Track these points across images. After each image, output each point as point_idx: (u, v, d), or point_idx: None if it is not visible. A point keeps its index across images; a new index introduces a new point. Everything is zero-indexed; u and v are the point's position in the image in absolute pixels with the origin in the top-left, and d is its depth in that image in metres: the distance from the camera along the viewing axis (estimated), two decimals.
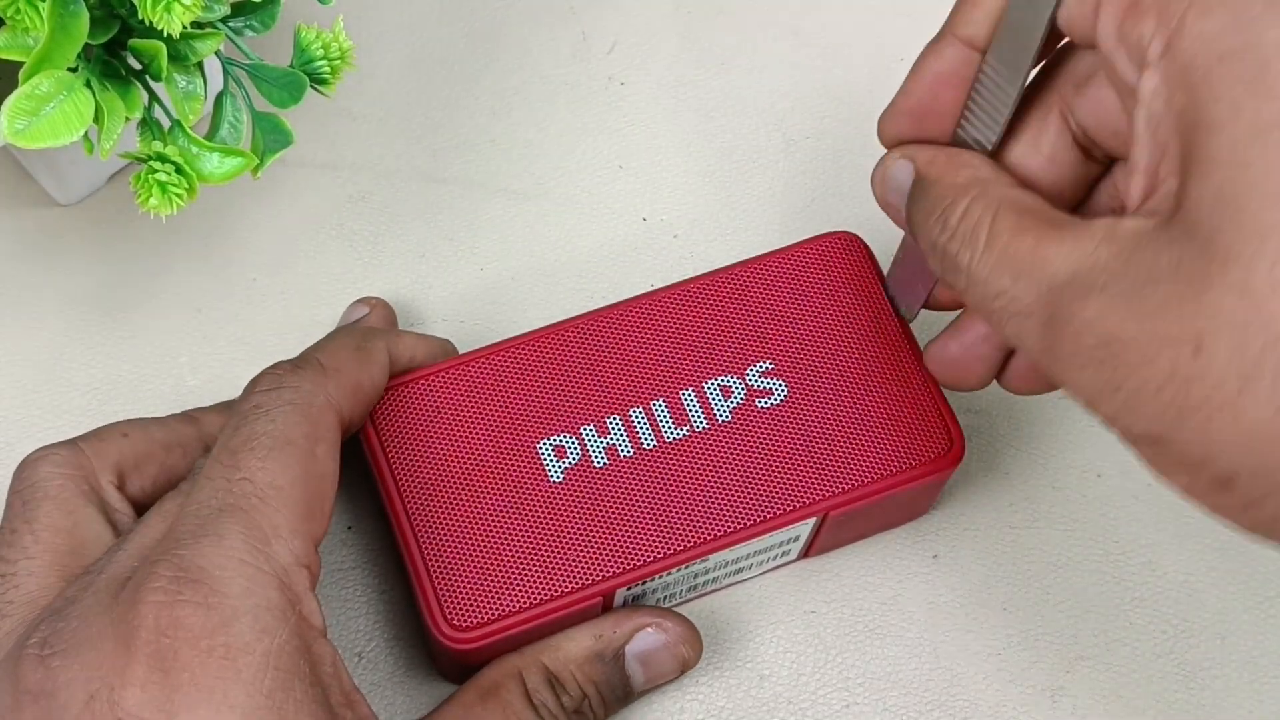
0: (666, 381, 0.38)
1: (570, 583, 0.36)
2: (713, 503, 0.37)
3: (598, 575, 0.36)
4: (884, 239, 0.42)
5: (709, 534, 0.36)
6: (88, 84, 0.35)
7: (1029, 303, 0.29)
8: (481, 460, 0.37)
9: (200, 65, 0.37)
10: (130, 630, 0.30)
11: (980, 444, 0.41)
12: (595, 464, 0.37)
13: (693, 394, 0.38)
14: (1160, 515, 0.41)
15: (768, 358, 0.38)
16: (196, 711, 0.29)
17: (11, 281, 0.43)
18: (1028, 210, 0.30)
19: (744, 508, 0.37)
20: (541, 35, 0.48)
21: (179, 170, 0.36)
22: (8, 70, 0.35)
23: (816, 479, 0.37)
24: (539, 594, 0.36)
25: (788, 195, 0.45)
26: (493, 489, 0.37)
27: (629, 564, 0.36)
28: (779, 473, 0.37)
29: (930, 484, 0.38)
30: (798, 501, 0.37)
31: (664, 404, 0.38)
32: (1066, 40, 0.33)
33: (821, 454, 0.37)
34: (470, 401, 0.38)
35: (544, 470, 0.37)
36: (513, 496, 0.37)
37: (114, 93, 0.35)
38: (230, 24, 0.37)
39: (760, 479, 0.37)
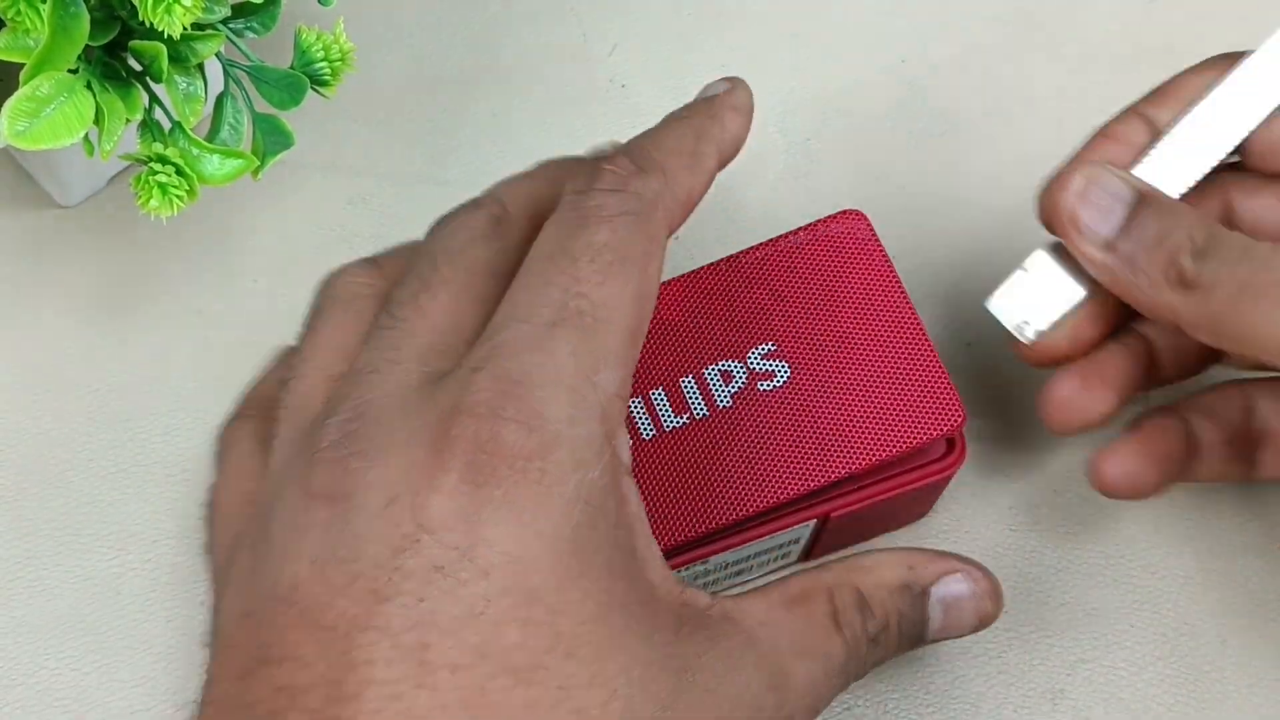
0: (666, 368, 0.38)
1: None
2: (714, 494, 0.36)
3: None
4: (887, 239, 0.42)
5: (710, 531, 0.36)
6: (88, 86, 0.35)
7: None
8: None
9: (201, 67, 0.37)
10: (447, 439, 0.28)
11: (981, 446, 0.41)
12: None
13: (692, 380, 0.37)
14: (1160, 517, 0.41)
15: (770, 339, 0.38)
16: (501, 529, 0.28)
17: (12, 282, 0.43)
18: None
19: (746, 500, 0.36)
20: (542, 37, 0.48)
21: (179, 172, 0.36)
22: (8, 72, 0.35)
23: (818, 475, 0.37)
24: None
25: (787, 196, 0.45)
26: None
27: None
28: (781, 467, 0.37)
29: (932, 485, 0.38)
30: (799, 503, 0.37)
31: (663, 392, 0.37)
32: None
33: (823, 452, 0.37)
34: None
35: None
36: None
37: (114, 94, 0.35)
38: (231, 25, 0.37)
39: (762, 473, 0.37)
